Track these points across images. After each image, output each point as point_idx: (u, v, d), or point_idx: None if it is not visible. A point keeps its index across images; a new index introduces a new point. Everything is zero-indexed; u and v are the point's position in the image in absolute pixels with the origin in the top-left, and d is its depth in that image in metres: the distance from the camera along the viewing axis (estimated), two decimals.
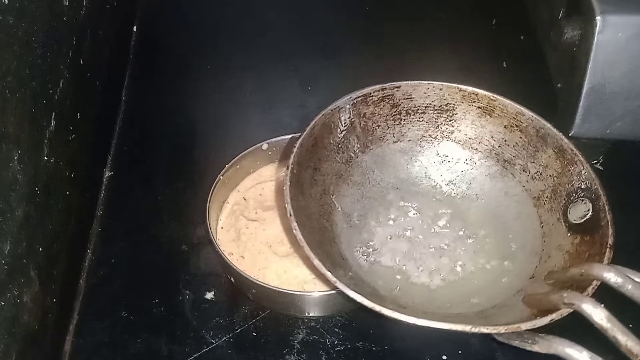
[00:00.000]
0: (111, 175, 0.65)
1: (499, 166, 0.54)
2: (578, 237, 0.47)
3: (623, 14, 0.58)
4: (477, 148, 0.55)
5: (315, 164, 0.51)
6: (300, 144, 0.49)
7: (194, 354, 0.51)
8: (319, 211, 0.50)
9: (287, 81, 0.74)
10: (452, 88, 0.54)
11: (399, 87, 0.54)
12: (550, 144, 0.51)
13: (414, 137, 0.55)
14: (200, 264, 0.57)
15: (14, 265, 0.43)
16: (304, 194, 0.48)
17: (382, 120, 0.54)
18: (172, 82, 0.74)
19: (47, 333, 0.49)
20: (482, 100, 0.53)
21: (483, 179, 0.55)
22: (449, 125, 0.55)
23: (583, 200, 0.48)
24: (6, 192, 0.42)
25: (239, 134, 0.67)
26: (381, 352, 0.51)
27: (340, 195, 0.53)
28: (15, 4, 0.43)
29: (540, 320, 0.40)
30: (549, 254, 0.48)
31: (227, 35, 0.79)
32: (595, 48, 0.59)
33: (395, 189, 0.55)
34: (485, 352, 0.52)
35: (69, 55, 0.55)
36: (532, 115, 0.52)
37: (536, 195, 0.52)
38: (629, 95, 0.61)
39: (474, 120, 0.54)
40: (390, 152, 0.55)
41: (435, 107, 0.54)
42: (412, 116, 0.55)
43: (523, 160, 0.53)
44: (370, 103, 0.53)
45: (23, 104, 0.45)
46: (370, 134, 0.54)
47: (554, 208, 0.50)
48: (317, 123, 0.50)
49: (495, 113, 0.53)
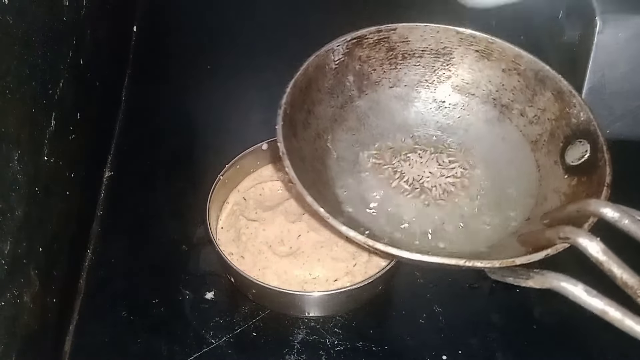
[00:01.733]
0: (111, 175, 0.65)
1: (496, 111, 0.53)
2: (575, 178, 0.47)
3: (623, 14, 0.59)
4: (475, 93, 0.54)
5: (308, 107, 0.50)
6: (293, 84, 0.48)
7: (194, 354, 0.51)
8: (313, 154, 0.49)
9: (287, 81, 0.74)
10: (449, 31, 0.53)
11: (395, 29, 0.53)
12: (548, 86, 0.50)
13: (410, 82, 0.54)
14: (200, 264, 0.57)
15: (14, 265, 0.43)
16: (297, 136, 0.47)
17: (378, 64, 0.53)
18: (172, 82, 0.74)
19: (47, 333, 0.49)
20: (480, 43, 0.52)
21: (480, 125, 0.54)
22: (446, 70, 0.54)
23: (581, 141, 0.47)
24: (6, 192, 0.42)
25: (239, 134, 0.67)
26: (381, 352, 0.51)
27: (335, 140, 0.52)
28: (15, 4, 0.43)
29: (536, 255, 0.40)
30: (546, 197, 0.48)
31: (227, 35, 0.79)
32: (595, 48, 0.59)
33: (391, 135, 0.54)
34: (486, 352, 0.52)
35: (69, 55, 0.55)
36: (531, 57, 0.51)
37: (534, 140, 0.51)
38: (629, 95, 0.61)
39: (471, 64, 0.53)
40: (386, 97, 0.54)
41: (432, 50, 0.53)
42: (408, 60, 0.54)
43: (521, 105, 0.52)
44: (366, 46, 0.52)
45: (23, 104, 0.45)
46: (366, 78, 0.53)
47: (551, 151, 0.49)
48: (310, 64, 0.49)
49: (494, 56, 0.52)
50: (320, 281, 0.53)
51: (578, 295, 0.36)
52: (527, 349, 0.53)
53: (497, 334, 0.53)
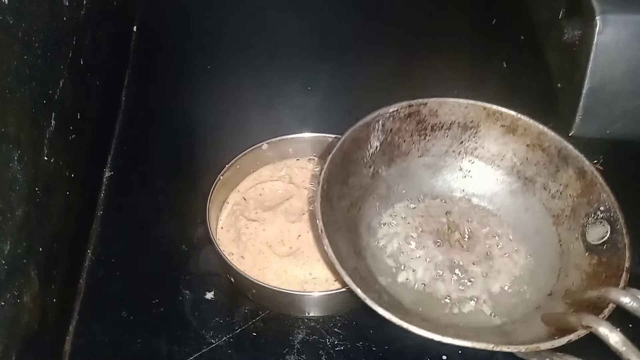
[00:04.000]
0: (111, 175, 0.65)
1: (520, 183, 0.55)
2: (596, 257, 0.48)
3: (623, 14, 0.59)
4: (500, 165, 0.56)
5: (343, 178, 0.52)
6: (330, 160, 0.50)
7: (194, 354, 0.51)
8: (347, 224, 0.51)
9: (287, 81, 0.74)
10: (477, 106, 0.55)
11: (426, 104, 0.54)
12: (571, 164, 0.52)
13: (438, 152, 0.56)
14: (200, 264, 0.57)
15: (14, 265, 0.43)
16: (332, 208, 0.49)
17: (408, 135, 0.55)
18: (172, 82, 0.74)
19: (47, 333, 0.49)
20: (506, 119, 0.54)
21: (504, 195, 0.56)
22: (473, 142, 0.56)
23: (602, 222, 0.49)
24: (6, 192, 0.42)
25: (239, 134, 0.67)
26: (381, 352, 0.51)
27: (366, 208, 0.54)
28: (15, 4, 0.43)
29: (559, 340, 0.42)
30: (567, 272, 0.49)
31: (227, 35, 0.79)
32: (595, 48, 0.59)
33: (419, 201, 0.56)
34: (486, 352, 0.52)
35: (69, 55, 0.55)
36: (554, 135, 0.53)
37: (556, 214, 0.52)
38: (629, 95, 0.61)
39: (497, 138, 0.55)
40: (414, 166, 0.56)
41: (459, 124, 0.55)
42: (436, 132, 0.56)
43: (544, 179, 0.54)
44: (397, 119, 0.54)
45: (23, 104, 0.45)
46: (396, 148, 0.55)
47: (572, 227, 0.51)
48: (346, 138, 0.51)
49: (519, 132, 0.54)
50: (320, 281, 0.53)
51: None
52: None
53: None
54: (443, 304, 0.50)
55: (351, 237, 0.51)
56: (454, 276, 0.51)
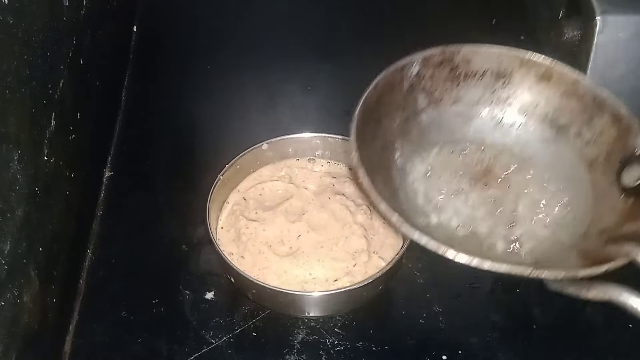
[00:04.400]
0: (111, 175, 0.65)
1: (553, 131, 0.54)
2: (632, 198, 0.47)
3: (623, 14, 0.59)
4: (533, 113, 0.55)
5: (377, 119, 0.51)
6: (364, 100, 0.49)
7: (194, 354, 0.51)
8: (380, 164, 0.51)
9: (287, 81, 0.74)
10: (511, 55, 0.54)
11: (459, 51, 0.54)
12: (606, 110, 0.51)
13: (470, 100, 0.56)
14: (200, 264, 0.57)
15: (14, 265, 0.43)
16: (366, 146, 0.49)
17: (441, 82, 0.55)
18: (172, 82, 0.74)
19: (47, 333, 0.49)
20: (540, 67, 0.54)
21: (537, 144, 0.55)
22: (506, 90, 0.55)
23: (638, 164, 0.48)
24: (6, 192, 0.42)
25: (239, 134, 0.67)
26: (381, 352, 0.51)
27: (399, 151, 0.53)
28: (15, 4, 0.43)
29: (598, 267, 0.41)
30: (601, 215, 0.49)
31: (227, 35, 0.79)
32: (595, 48, 0.59)
33: (452, 147, 0.55)
34: (486, 352, 0.52)
35: (69, 55, 0.55)
36: (590, 83, 0.52)
37: (590, 160, 0.52)
38: (629, 95, 0.61)
39: (530, 86, 0.54)
40: (446, 114, 0.55)
41: (492, 71, 0.55)
42: (469, 80, 0.55)
43: (578, 126, 0.53)
44: (431, 65, 0.54)
45: (23, 104, 0.45)
46: (429, 95, 0.54)
47: (607, 172, 0.50)
48: (380, 80, 0.51)
49: (553, 79, 0.53)
50: (320, 281, 0.53)
51: (636, 307, 0.37)
52: (527, 349, 0.53)
53: (497, 334, 0.53)
54: (478, 243, 0.50)
55: (384, 177, 0.51)
56: (489, 217, 0.51)
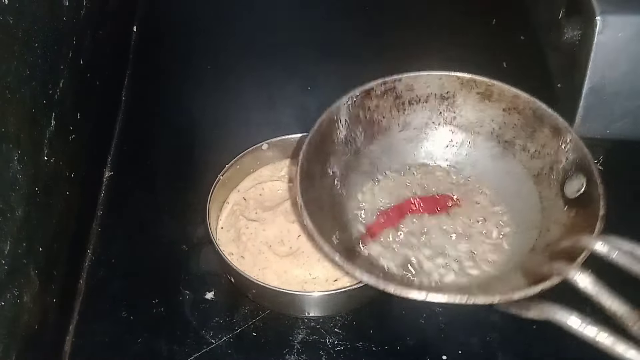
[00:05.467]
0: (111, 175, 0.65)
1: (500, 147, 0.56)
2: (574, 210, 0.49)
3: (623, 14, 0.58)
4: (479, 131, 0.57)
5: (324, 158, 0.52)
6: (308, 142, 0.50)
7: (194, 354, 0.51)
8: (331, 202, 0.52)
9: (287, 81, 0.74)
10: (451, 77, 0.56)
11: (400, 79, 0.56)
12: (546, 123, 0.53)
13: (418, 125, 0.57)
14: (200, 264, 0.57)
15: (14, 265, 0.43)
16: (314, 186, 0.50)
17: (387, 111, 0.56)
18: (172, 82, 0.74)
19: (47, 333, 0.49)
20: (480, 86, 0.55)
21: (486, 160, 0.57)
22: (451, 112, 0.57)
23: (577, 175, 0.50)
24: (6, 192, 0.42)
25: (239, 134, 0.67)
26: (381, 352, 0.51)
27: (351, 185, 0.54)
28: (15, 4, 0.43)
29: (532, 289, 0.42)
30: (548, 228, 0.50)
31: (227, 35, 0.79)
32: (595, 48, 0.59)
33: (402, 174, 0.57)
34: (486, 352, 0.52)
35: (69, 55, 0.55)
36: (528, 97, 0.54)
37: (536, 173, 0.54)
38: (629, 95, 0.61)
39: (474, 105, 0.56)
40: (396, 140, 0.57)
41: (436, 95, 0.56)
42: (415, 105, 0.57)
43: (522, 140, 0.55)
44: (374, 97, 0.55)
45: (23, 104, 0.45)
46: (376, 125, 0.56)
47: (552, 184, 0.52)
48: (323, 120, 0.52)
49: (494, 97, 0.55)
50: (320, 281, 0.53)
51: (571, 325, 0.38)
52: (527, 349, 0.53)
53: (497, 334, 0.53)
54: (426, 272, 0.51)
55: (335, 213, 0.52)
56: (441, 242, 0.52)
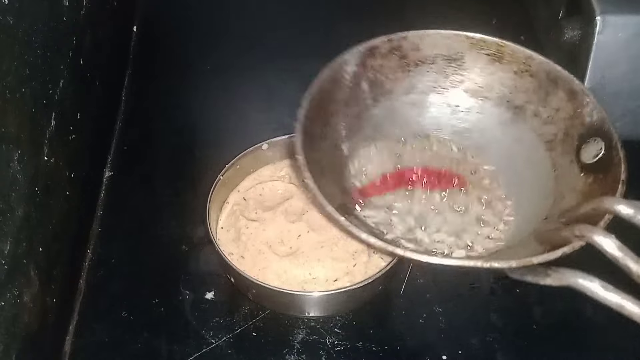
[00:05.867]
0: (111, 175, 0.65)
1: (510, 113, 0.53)
2: (591, 176, 0.47)
3: (623, 14, 0.59)
4: (488, 96, 0.54)
5: (325, 119, 0.50)
6: (307, 98, 0.48)
7: (194, 354, 0.51)
8: (332, 165, 0.49)
9: (287, 81, 0.74)
10: (460, 36, 0.53)
11: (406, 37, 0.52)
12: (561, 86, 0.50)
13: (423, 88, 0.54)
14: (200, 264, 0.57)
15: (14, 265, 0.43)
16: (314, 147, 0.47)
17: (391, 72, 0.53)
18: (172, 82, 0.74)
19: (47, 333, 0.49)
20: (490, 47, 0.52)
21: (495, 127, 0.54)
22: (459, 75, 0.54)
23: (595, 140, 0.47)
24: (6, 192, 0.42)
25: (239, 134, 0.67)
26: (381, 352, 0.51)
27: (352, 150, 0.52)
28: (15, 4, 0.43)
29: (553, 253, 0.40)
30: (563, 195, 0.48)
31: (227, 35, 0.79)
32: (595, 48, 0.59)
33: (407, 142, 0.54)
34: (486, 352, 0.52)
35: (69, 55, 0.55)
36: (542, 59, 0.51)
37: (549, 139, 0.51)
38: (629, 95, 0.61)
39: (483, 68, 0.53)
40: (400, 104, 0.54)
41: (444, 56, 0.53)
42: (420, 67, 0.54)
43: (534, 105, 0.52)
44: (378, 55, 0.52)
45: (23, 104, 0.45)
46: (380, 86, 0.53)
47: (566, 150, 0.49)
48: (324, 77, 0.49)
49: (505, 59, 0.52)
50: (320, 281, 0.53)
51: (595, 291, 0.36)
52: (527, 349, 0.53)
53: (497, 334, 0.53)
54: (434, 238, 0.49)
55: (336, 178, 0.49)
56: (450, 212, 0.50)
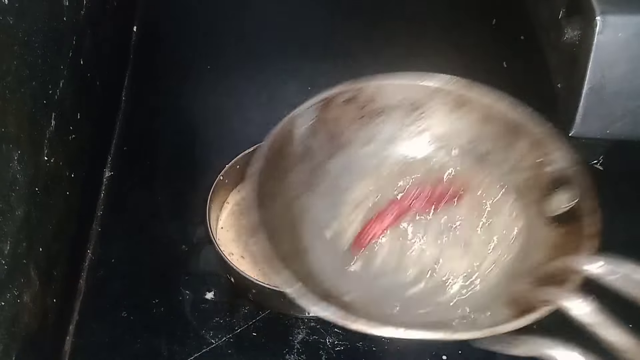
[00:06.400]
0: (111, 175, 0.65)
1: (475, 160, 0.51)
2: (562, 229, 0.44)
3: (623, 14, 0.58)
4: (451, 144, 0.52)
5: (279, 175, 0.48)
6: (260, 156, 0.46)
7: (194, 354, 0.51)
8: (285, 225, 0.47)
9: (287, 81, 0.74)
10: (417, 86, 0.51)
11: (361, 88, 0.50)
12: (525, 133, 0.48)
13: (383, 139, 0.52)
14: (200, 264, 0.57)
15: (14, 265, 0.43)
16: (266, 208, 0.45)
17: (348, 124, 0.51)
18: (172, 82, 0.74)
19: (47, 333, 0.49)
20: (451, 95, 0.51)
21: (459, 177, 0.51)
22: (420, 124, 0.52)
23: (564, 188, 0.45)
24: (6, 192, 0.42)
25: (239, 134, 0.67)
26: (381, 352, 0.51)
27: (310, 205, 0.49)
28: (15, 4, 0.43)
29: (520, 321, 0.37)
30: (530, 250, 0.45)
31: (227, 35, 0.79)
32: (595, 48, 0.59)
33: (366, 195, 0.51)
34: (486, 352, 0.52)
35: (69, 55, 0.55)
36: (504, 106, 0.49)
37: (515, 189, 0.49)
38: (629, 95, 0.61)
39: (444, 117, 0.51)
40: (358, 157, 0.52)
41: (403, 106, 0.51)
42: (379, 117, 0.51)
43: (500, 153, 0.50)
44: (334, 107, 0.50)
45: (23, 104, 0.45)
46: (336, 139, 0.51)
47: (533, 201, 0.47)
48: (277, 133, 0.48)
49: (466, 107, 0.50)
50: None
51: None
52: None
53: None
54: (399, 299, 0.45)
55: (291, 238, 0.47)
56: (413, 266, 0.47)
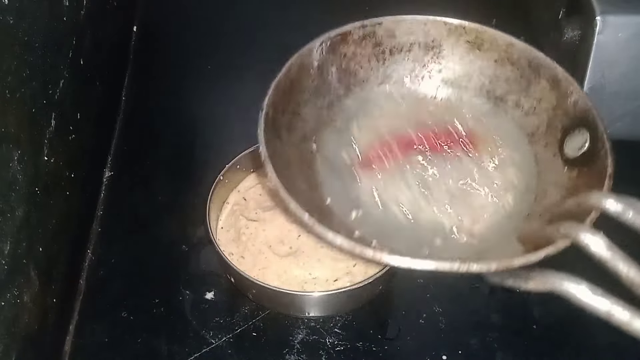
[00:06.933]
0: (111, 175, 0.65)
1: (490, 104, 0.50)
2: (576, 170, 0.44)
3: (623, 14, 0.59)
4: (467, 86, 0.51)
5: (293, 109, 0.47)
6: (275, 86, 0.45)
7: (194, 354, 0.51)
8: (299, 159, 0.47)
9: None
10: (437, 22, 0.50)
11: (381, 23, 0.50)
12: (543, 75, 0.48)
13: (399, 78, 0.51)
14: (200, 264, 0.57)
15: (14, 265, 0.43)
16: (281, 139, 0.45)
17: (365, 60, 0.50)
18: (172, 82, 0.74)
19: (47, 333, 0.49)
20: (470, 34, 0.50)
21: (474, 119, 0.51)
22: (436, 63, 0.51)
23: (580, 131, 0.45)
24: (6, 192, 0.42)
25: (239, 134, 0.67)
26: (381, 352, 0.51)
27: (323, 143, 0.49)
28: (15, 4, 0.43)
29: (535, 254, 0.37)
30: (545, 191, 0.45)
31: (227, 35, 0.79)
32: (595, 48, 0.59)
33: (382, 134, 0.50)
34: (486, 352, 0.52)
35: (69, 55, 0.55)
36: (524, 45, 0.49)
37: (531, 132, 0.48)
38: (629, 95, 0.61)
39: (462, 56, 0.51)
40: (374, 95, 0.51)
41: (420, 44, 0.51)
42: (396, 55, 0.51)
43: (516, 95, 0.49)
44: (351, 42, 0.49)
45: (23, 104, 0.45)
46: (353, 76, 0.50)
47: (549, 143, 0.47)
48: (293, 64, 0.47)
49: (485, 46, 0.50)
50: (320, 281, 0.53)
51: (581, 296, 0.32)
52: (527, 349, 0.53)
53: (497, 334, 0.53)
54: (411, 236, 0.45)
55: (305, 174, 0.46)
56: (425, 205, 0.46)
